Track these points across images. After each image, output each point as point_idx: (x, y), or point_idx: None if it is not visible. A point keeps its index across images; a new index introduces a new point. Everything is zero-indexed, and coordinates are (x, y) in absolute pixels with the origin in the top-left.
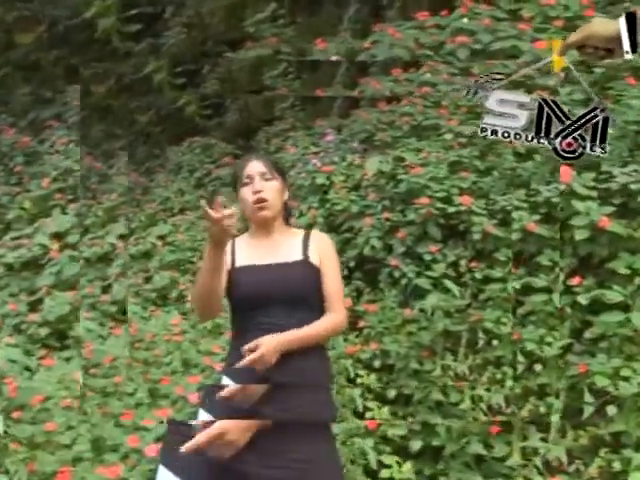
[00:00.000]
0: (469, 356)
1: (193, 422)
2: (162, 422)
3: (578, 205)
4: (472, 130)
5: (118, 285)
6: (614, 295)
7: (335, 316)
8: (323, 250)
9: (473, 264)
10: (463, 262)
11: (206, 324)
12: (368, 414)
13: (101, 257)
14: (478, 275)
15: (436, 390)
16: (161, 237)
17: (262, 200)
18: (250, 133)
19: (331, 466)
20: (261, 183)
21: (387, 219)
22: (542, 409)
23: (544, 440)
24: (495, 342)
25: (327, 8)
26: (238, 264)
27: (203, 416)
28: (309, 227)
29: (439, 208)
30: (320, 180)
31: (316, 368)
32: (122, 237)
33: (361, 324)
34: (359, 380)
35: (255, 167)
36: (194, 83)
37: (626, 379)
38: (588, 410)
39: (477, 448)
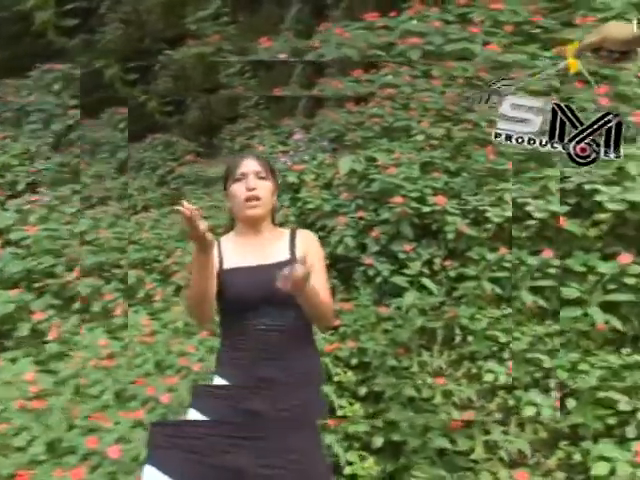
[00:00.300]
0: (444, 352)
1: (180, 421)
2: (118, 423)
3: None
4: (441, 132)
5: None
6: (571, 291)
7: (329, 302)
8: (309, 247)
9: (447, 262)
10: (437, 260)
11: (177, 324)
12: (340, 411)
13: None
14: (452, 273)
15: (408, 386)
16: None
17: (255, 198)
18: (212, 131)
19: (322, 464)
20: (255, 181)
21: (361, 218)
22: (511, 402)
23: (505, 433)
24: (470, 338)
25: (267, 7)
26: (226, 266)
27: (194, 415)
28: (280, 226)
29: (414, 208)
30: (291, 178)
31: (310, 366)
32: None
33: (336, 322)
34: (336, 378)
35: (250, 165)
36: (145, 80)
37: (584, 373)
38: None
39: (441, 442)
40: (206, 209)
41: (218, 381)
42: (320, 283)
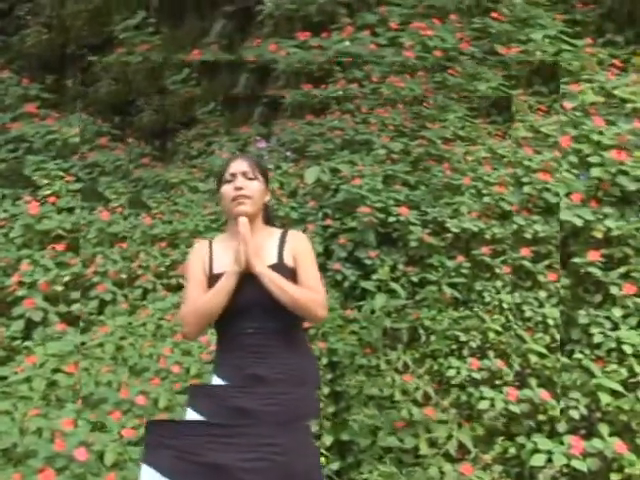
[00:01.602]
0: (407, 351)
1: (172, 420)
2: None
3: None
4: (399, 147)
5: None
6: None
7: (312, 293)
8: (298, 249)
9: (408, 268)
10: (400, 266)
11: (149, 327)
12: None
13: None
14: (414, 278)
15: (369, 385)
16: None
17: (242, 196)
18: (166, 135)
19: (310, 462)
20: (243, 181)
21: (328, 226)
22: (463, 398)
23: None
24: (432, 337)
25: (190, 21)
26: (217, 270)
27: (191, 415)
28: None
29: (379, 217)
30: None
31: (303, 367)
32: None
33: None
34: None
35: (239, 166)
36: (84, 82)
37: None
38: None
39: (390, 441)
40: (168, 214)
41: (216, 381)
42: (309, 279)
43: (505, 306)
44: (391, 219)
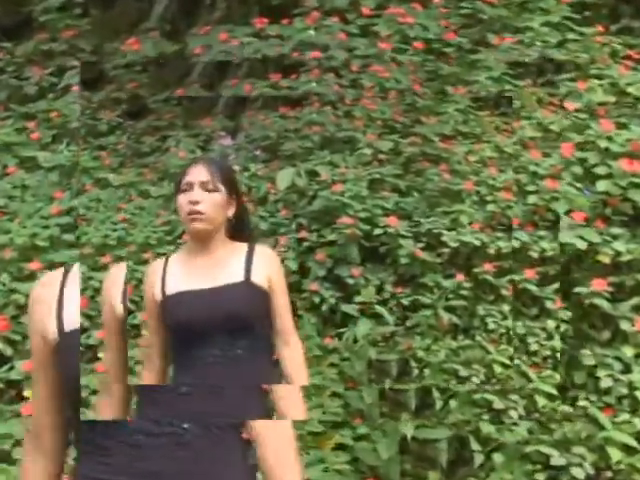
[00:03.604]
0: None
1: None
2: None
3: None
4: (388, 146)
5: None
6: None
7: (296, 351)
8: (272, 270)
9: (397, 289)
10: (388, 287)
11: None
12: None
13: None
14: (404, 301)
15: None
16: None
17: (196, 212)
18: (111, 127)
19: None
20: (199, 193)
21: (303, 239)
22: None
23: None
24: (426, 371)
25: (125, 2)
26: (170, 291)
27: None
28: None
29: (363, 229)
30: None
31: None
32: None
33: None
34: None
35: (198, 174)
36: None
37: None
38: (479, 458)
39: None
40: None
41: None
42: (285, 315)
43: (513, 335)
44: (378, 231)
